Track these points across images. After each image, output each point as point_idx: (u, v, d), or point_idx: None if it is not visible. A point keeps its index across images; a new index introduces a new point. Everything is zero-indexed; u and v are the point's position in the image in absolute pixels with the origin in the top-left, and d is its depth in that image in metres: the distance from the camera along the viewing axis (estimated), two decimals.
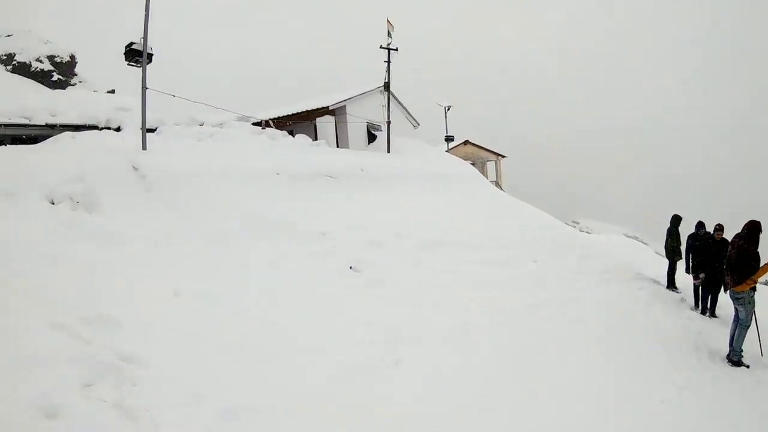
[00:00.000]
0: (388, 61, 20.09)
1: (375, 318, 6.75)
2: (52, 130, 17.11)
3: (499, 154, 29.75)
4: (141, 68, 11.13)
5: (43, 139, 14.93)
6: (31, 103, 20.67)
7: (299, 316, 6.35)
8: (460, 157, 20.90)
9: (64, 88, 42.89)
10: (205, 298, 6.29)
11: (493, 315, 7.62)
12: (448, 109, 27.87)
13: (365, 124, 22.14)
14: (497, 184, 25.95)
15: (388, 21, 18.97)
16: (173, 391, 4.54)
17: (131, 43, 10.60)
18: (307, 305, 6.71)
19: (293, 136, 19.05)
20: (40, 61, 49.27)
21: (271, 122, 20.77)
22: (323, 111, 21.38)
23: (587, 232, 23.97)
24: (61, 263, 6.29)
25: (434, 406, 5.10)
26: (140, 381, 4.58)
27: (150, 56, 10.87)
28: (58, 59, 49.58)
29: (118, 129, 18.06)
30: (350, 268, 8.04)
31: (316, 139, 19.99)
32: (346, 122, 21.75)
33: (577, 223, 33.34)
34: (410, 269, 8.56)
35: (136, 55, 10.67)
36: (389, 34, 19.36)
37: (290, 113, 22.29)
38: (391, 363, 5.81)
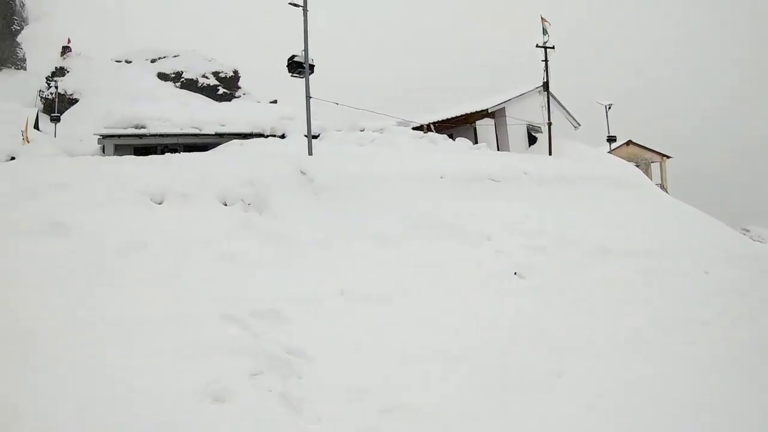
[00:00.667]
0: (546, 60, 22.22)
1: (538, 326, 7.44)
2: (221, 138, 22.22)
3: (664, 155, 28.38)
4: (304, 79, 13.35)
5: (213, 147, 18.22)
6: (202, 114, 26.74)
7: (461, 321, 7.13)
8: (623, 159, 20.28)
9: (230, 101, 51.29)
10: (369, 298, 7.28)
11: (665, 328, 8.08)
12: (609, 108, 26.93)
13: (525, 126, 25.46)
14: (662, 186, 24.67)
15: (542, 18, 21.73)
16: (336, 387, 5.37)
17: (293, 56, 13.18)
18: (470, 310, 7.52)
19: (453, 140, 22.56)
20: (206, 77, 61.68)
21: (431, 126, 24.65)
22: (482, 114, 24.74)
23: (759, 242, 21.58)
24: (234, 260, 7.72)
25: (595, 422, 5.48)
26: (305, 374, 5.47)
27: (312, 67, 13.11)
28: (222, 75, 62.72)
29: (282, 136, 22.14)
30: (515, 273, 9.12)
31: (476, 142, 23.56)
32: (505, 124, 25.16)
33: (747, 230, 30.27)
34: (574, 277, 9.38)
35: (298, 67, 12.83)
36: (545, 32, 21.69)
37: (450, 117, 25.91)
38: (553, 374, 6.30)
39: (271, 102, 46.52)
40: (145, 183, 9.23)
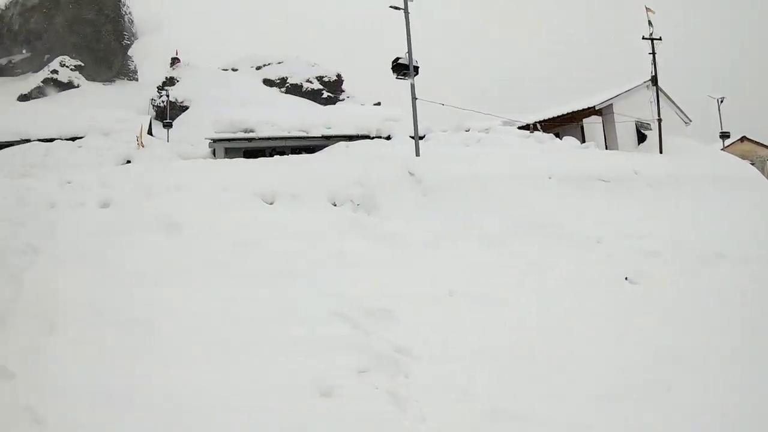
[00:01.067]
0: (653, 53, 22.39)
1: (646, 335, 7.29)
2: (327, 140, 23.78)
3: None
4: (409, 81, 14.94)
5: (320, 149, 19.70)
6: (308, 117, 28.78)
7: (567, 326, 7.22)
8: (737, 156, 19.20)
9: (334, 104, 53.79)
10: (477, 299, 7.55)
11: None
12: (722, 102, 26.09)
13: (633, 122, 25.51)
14: None
15: (647, 8, 21.77)
16: (442, 387, 5.63)
17: (397, 58, 14.03)
18: (576, 315, 7.55)
19: (560, 139, 23.07)
20: (310, 82, 65.59)
21: (538, 125, 25.08)
22: (589, 111, 25.18)
23: None
24: (344, 259, 8.33)
25: None
26: (412, 373, 5.82)
27: (416, 69, 14.19)
28: (326, 79, 66.47)
29: (388, 138, 22.73)
30: (625, 278, 8.39)
31: (583, 141, 23.80)
32: (613, 122, 25.40)
33: None
34: (688, 284, 9.17)
35: (403, 69, 13.54)
36: (650, 23, 21.90)
37: (556, 115, 26.52)
38: (661, 388, 6.08)
39: (374, 104, 48.69)
40: (256, 184, 10.02)
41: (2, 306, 6.13)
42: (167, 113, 44.73)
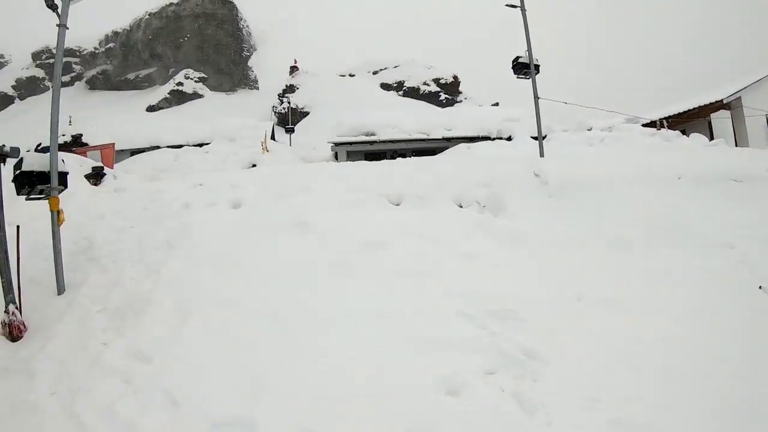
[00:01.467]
0: None
1: None
2: (448, 142, 22.52)
3: None
4: (530, 80, 14.59)
5: (441, 151, 19.62)
6: (428, 120, 29.43)
7: (696, 336, 6.72)
8: None
9: (452, 106, 53.88)
10: (607, 304, 7.24)
11: None
12: None
13: (765, 117, 24.09)
14: None
15: None
16: (569, 393, 5.50)
17: (517, 57, 13.53)
18: (707, 324, 7.03)
19: (686, 136, 22.61)
20: (427, 84, 65.97)
21: (664, 122, 24.18)
22: (717, 105, 24.13)
23: None
24: (471, 260, 8.26)
25: None
26: (539, 377, 5.70)
27: (537, 67, 13.79)
28: (442, 81, 66.41)
29: (509, 138, 21.86)
30: (759, 287, 7.64)
31: (711, 138, 22.85)
32: (743, 116, 24.07)
33: None
34: None
35: (524, 68, 13.28)
36: None
37: (681, 111, 26.01)
38: None
39: (492, 105, 48.56)
40: (382, 185, 10.13)
41: (141, 297, 6.66)
42: (289, 119, 46.81)
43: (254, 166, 23.27)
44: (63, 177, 7.70)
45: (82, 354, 5.75)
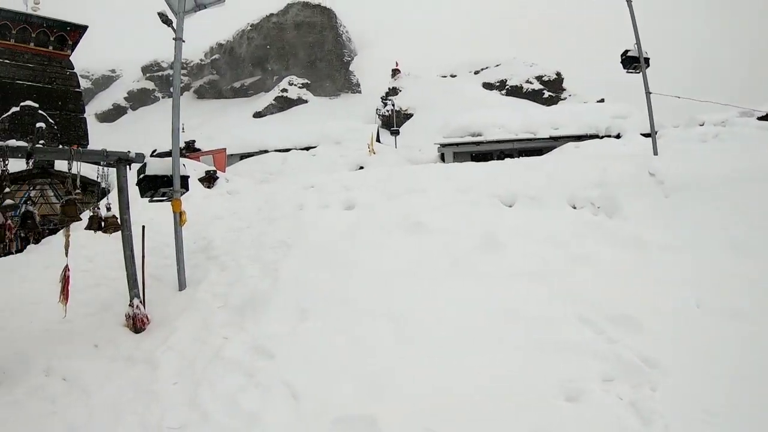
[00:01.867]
0: None
1: None
2: (555, 141, 22.25)
3: None
4: (640, 74, 13.36)
5: (547, 151, 19.26)
6: (534, 119, 28.93)
7: None
8: None
9: (556, 103, 52.64)
10: (729, 313, 6.72)
11: None
12: None
13: None
14: None
15: None
16: (689, 405, 5.21)
17: (626, 51, 12.77)
18: None
19: None
20: (530, 82, 64.68)
21: None
22: None
23: None
24: (587, 263, 8.02)
25: None
26: (658, 386, 5.44)
27: (647, 60, 12.79)
28: (545, 78, 65.03)
29: (617, 136, 21.26)
30: None
31: None
32: None
33: None
34: None
35: (633, 62, 12.64)
36: None
37: None
38: None
39: (597, 101, 46.99)
40: (493, 186, 10.06)
41: (260, 295, 6.88)
42: (393, 121, 47.19)
43: (361, 168, 23.73)
44: (184, 180, 8.08)
45: (204, 347, 6.01)
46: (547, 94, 64.96)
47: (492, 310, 6.41)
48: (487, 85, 68.50)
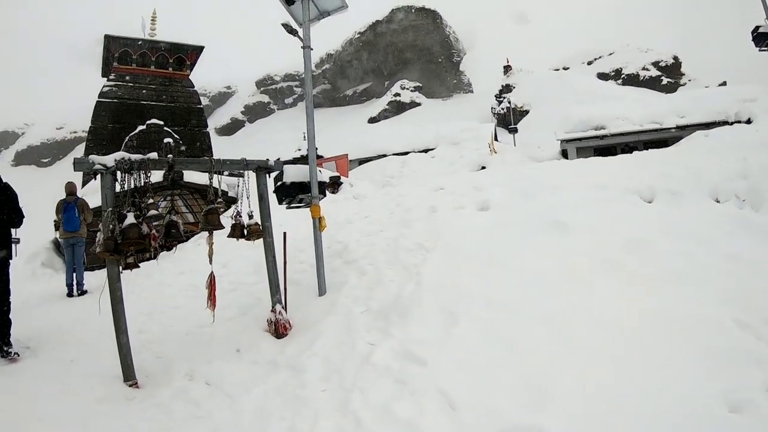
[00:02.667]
0: None
1: None
2: (682, 131, 20.69)
3: None
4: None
5: (674, 141, 17.97)
6: (657, 108, 27.71)
7: None
8: None
9: (675, 90, 49.55)
10: None
11: None
12: None
13: None
14: None
15: None
16: None
17: (757, 27, 11.47)
18: None
19: None
20: (646, 69, 61.23)
21: None
22: None
23: None
24: (736, 261, 7.35)
25: None
26: None
27: None
28: (662, 63, 60.48)
29: (748, 121, 19.32)
30: None
31: None
32: None
33: None
34: None
35: (765, 39, 11.30)
36: None
37: None
38: None
39: (719, 85, 44.05)
40: (628, 181, 9.61)
41: (404, 299, 6.71)
42: (510, 119, 46.64)
43: (483, 168, 23.37)
44: (321, 186, 8.17)
45: (351, 353, 5.92)
46: (665, 80, 61.97)
47: (644, 312, 5.98)
48: (602, 76, 66.37)
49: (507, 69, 69.14)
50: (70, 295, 13.11)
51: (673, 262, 7.14)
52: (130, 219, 6.07)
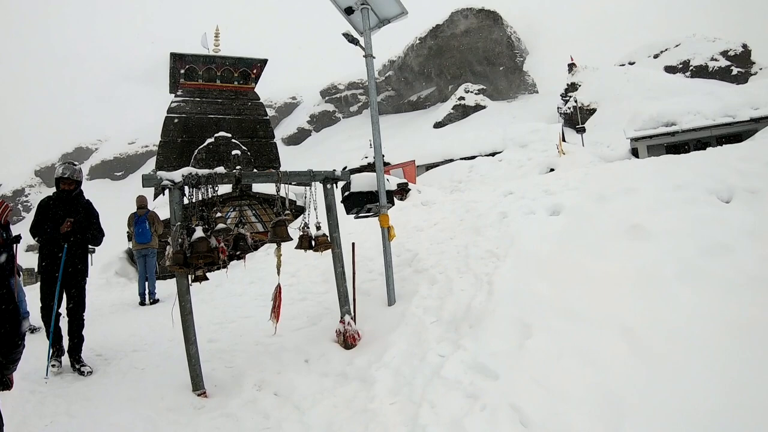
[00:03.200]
0: None
1: None
2: (756, 123, 19.62)
3: None
4: None
5: (748, 135, 17.21)
6: (730, 101, 26.45)
7: None
8: None
9: (746, 80, 47.88)
10: None
11: None
12: None
13: None
14: None
15: None
16: None
17: None
18: None
19: None
20: (715, 60, 59.83)
21: None
22: None
23: None
24: None
25: None
26: None
27: None
28: (731, 53, 58.61)
29: None
30: None
31: None
32: None
33: None
34: None
35: None
36: None
37: None
38: None
39: None
40: (704, 180, 8.99)
41: (476, 308, 6.49)
42: (578, 118, 45.74)
43: (552, 170, 22.95)
44: (390, 195, 8.11)
45: (420, 365, 5.77)
46: (735, 70, 59.65)
47: (730, 323, 5.50)
48: (670, 69, 64.47)
49: (571, 67, 67.95)
50: (142, 303, 13.58)
51: (759, 269, 6.55)
52: (199, 233, 6.15)
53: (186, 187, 6.37)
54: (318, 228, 7.41)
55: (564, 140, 34.88)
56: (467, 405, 4.80)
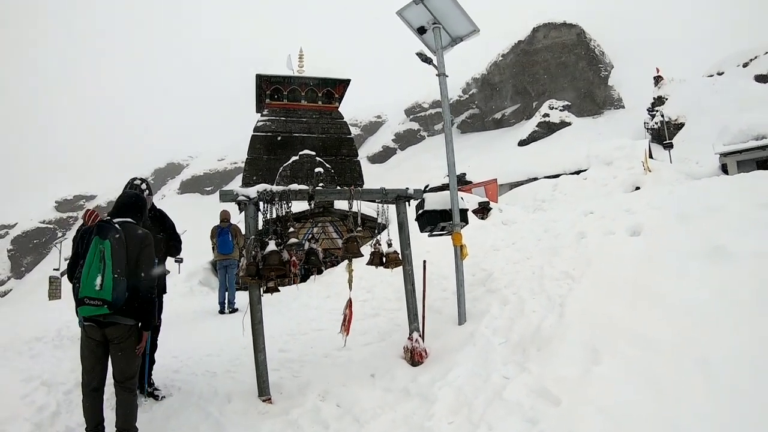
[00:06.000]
0: None
1: None
2: None
3: None
4: None
5: None
6: None
7: None
8: None
9: None
10: None
11: None
12: None
13: None
14: None
15: None
16: None
17: None
18: None
19: None
20: None
21: None
22: None
23: None
24: None
25: None
26: None
27: None
28: None
29: None
30: None
31: None
32: None
33: None
34: None
35: None
36: None
37: None
38: None
39: None
40: None
41: (545, 331, 6.32)
42: (665, 134, 44.18)
43: (637, 188, 22.18)
44: (463, 213, 8.07)
45: (483, 386, 5.68)
46: None
47: None
48: (760, 78, 61.44)
49: (658, 80, 65.97)
50: (221, 312, 14.06)
51: None
52: (272, 246, 6.39)
53: (261, 203, 6.66)
54: (389, 245, 7.49)
55: (651, 157, 33.86)
56: (525, 429, 4.67)
